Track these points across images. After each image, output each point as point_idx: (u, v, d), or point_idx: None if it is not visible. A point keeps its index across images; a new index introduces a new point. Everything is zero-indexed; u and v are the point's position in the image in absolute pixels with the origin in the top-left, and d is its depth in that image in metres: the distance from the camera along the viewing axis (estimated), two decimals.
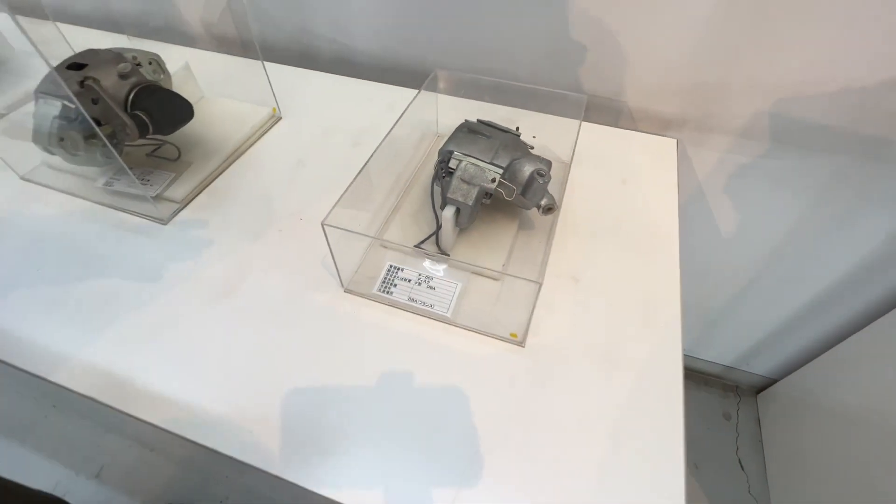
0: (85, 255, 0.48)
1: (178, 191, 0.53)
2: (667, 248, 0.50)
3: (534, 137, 0.59)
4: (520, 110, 0.63)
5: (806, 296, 0.84)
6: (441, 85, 0.59)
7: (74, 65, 0.49)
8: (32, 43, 0.40)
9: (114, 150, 0.46)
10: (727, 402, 1.10)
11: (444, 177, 0.45)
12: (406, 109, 0.51)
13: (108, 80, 0.48)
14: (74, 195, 0.54)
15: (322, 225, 0.38)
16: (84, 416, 1.04)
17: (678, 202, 0.55)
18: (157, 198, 0.53)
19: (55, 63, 0.50)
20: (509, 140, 0.47)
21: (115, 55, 0.51)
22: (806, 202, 0.69)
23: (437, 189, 0.46)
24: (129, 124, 0.47)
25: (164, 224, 0.51)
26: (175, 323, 0.42)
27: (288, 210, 0.53)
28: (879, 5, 0.48)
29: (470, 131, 0.47)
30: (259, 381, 0.39)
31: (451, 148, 0.44)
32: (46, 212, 0.53)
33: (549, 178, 0.43)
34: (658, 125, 0.66)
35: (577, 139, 0.50)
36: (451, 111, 0.59)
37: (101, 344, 0.41)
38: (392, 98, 0.69)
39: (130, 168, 0.55)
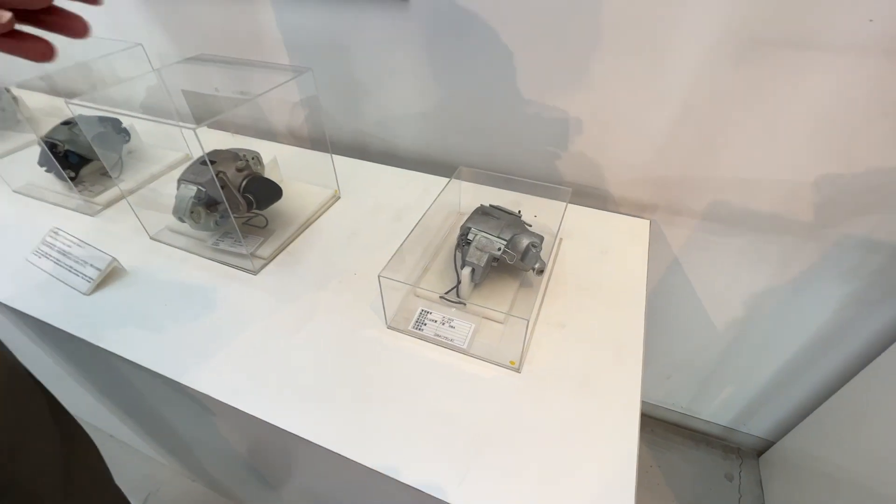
0: (197, 297, 0.65)
1: (266, 251, 0.72)
2: (635, 304, 0.64)
3: (535, 217, 0.76)
4: (523, 195, 0.81)
5: (784, 356, 0.94)
6: (463, 176, 0.78)
7: (205, 161, 0.70)
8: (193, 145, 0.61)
9: (234, 222, 0.66)
10: (729, 463, 1.15)
11: (463, 245, 0.61)
12: (438, 196, 0.69)
13: (230, 172, 0.69)
14: (189, 252, 0.73)
15: (378, 277, 0.55)
16: (136, 448, 1.16)
17: (647, 269, 0.70)
18: (251, 255, 0.71)
19: (192, 159, 0.71)
20: (512, 220, 0.64)
21: (233, 154, 0.72)
22: (766, 273, 0.82)
23: (459, 254, 0.63)
24: (243, 203, 0.67)
25: (255, 275, 0.69)
26: (263, 350, 0.58)
27: (345, 267, 0.70)
28: (789, 129, 0.66)
29: (483, 213, 0.65)
30: (322, 394, 0.53)
31: (469, 225, 0.62)
32: (169, 264, 0.71)
33: (541, 248, 0.59)
34: (635, 208, 0.83)
35: (562, 219, 0.67)
36: (469, 195, 0.77)
37: (211, 361, 0.57)
38: (425, 183, 0.88)
39: (230, 233, 0.74)
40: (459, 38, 0.75)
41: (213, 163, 0.69)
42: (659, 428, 1.22)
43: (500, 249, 0.59)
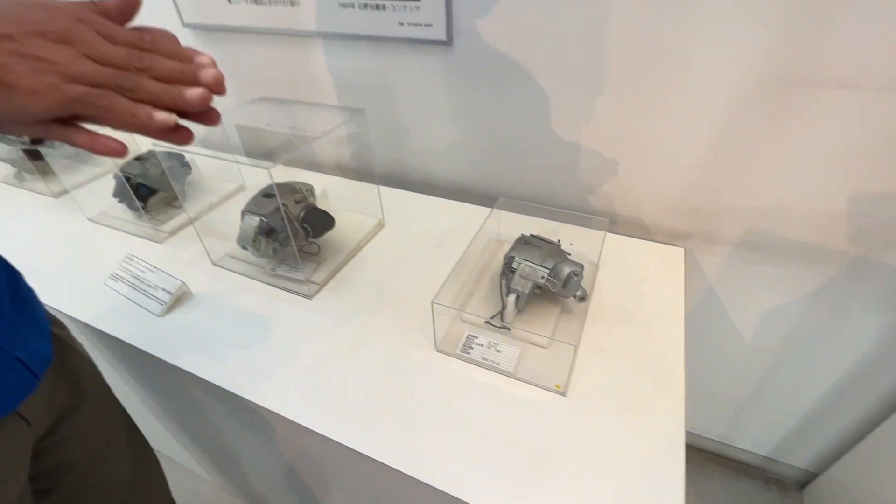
0: (257, 319, 0.71)
1: (319, 276, 0.77)
2: (674, 331, 0.66)
3: (571, 245, 0.79)
4: (559, 224, 0.85)
5: (825, 384, 0.93)
6: (502, 206, 0.82)
7: (266, 194, 0.77)
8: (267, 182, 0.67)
9: (295, 250, 0.71)
10: (770, 494, 1.12)
11: (508, 273, 0.65)
12: (482, 225, 0.73)
13: (290, 204, 0.75)
14: (249, 277, 0.79)
15: (432, 303, 0.59)
16: (182, 464, 1.21)
17: (684, 297, 0.72)
18: (305, 281, 0.76)
19: (254, 192, 0.77)
20: (553, 249, 0.67)
21: (291, 187, 0.78)
22: (803, 301, 0.83)
23: (503, 281, 0.67)
24: (301, 233, 0.72)
25: (310, 299, 0.74)
26: (320, 369, 0.62)
27: (392, 292, 0.74)
28: (820, 160, 0.68)
29: (525, 242, 0.68)
30: (376, 412, 0.57)
31: (513, 254, 0.65)
32: (231, 288, 0.77)
33: (582, 276, 0.62)
34: (669, 236, 0.85)
35: (602, 248, 0.70)
36: (507, 224, 0.81)
37: (272, 378, 0.61)
38: (464, 213, 0.93)
39: (286, 259, 0.80)
40: (498, 80, 0.80)
41: (272, 195, 0.76)
42: (696, 456, 1.20)
43: (543, 277, 0.62)
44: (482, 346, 0.62)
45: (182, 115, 0.33)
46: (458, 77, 0.84)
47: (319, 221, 0.77)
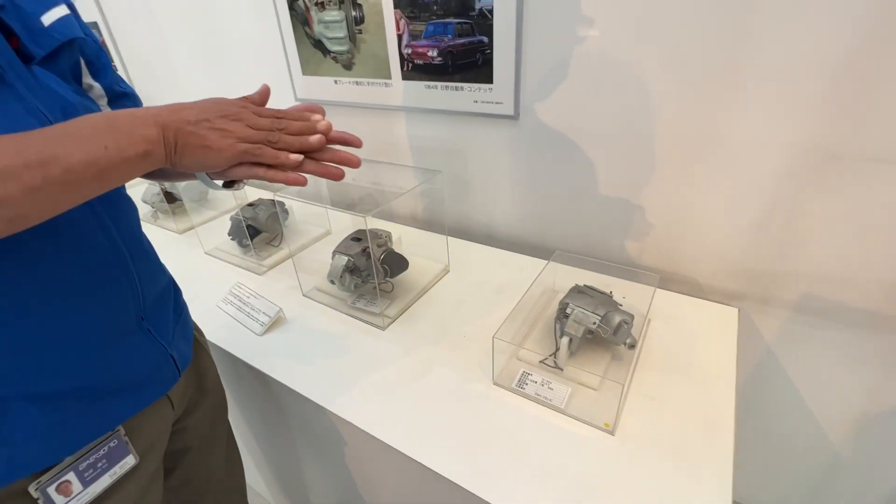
0: (339, 344, 0.82)
1: (392, 311, 0.88)
2: (725, 385, 0.68)
3: (623, 298, 0.85)
4: (612, 278, 0.90)
5: None
6: (558, 258, 0.90)
7: (354, 238, 0.91)
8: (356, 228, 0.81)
9: (377, 286, 0.83)
10: None
11: (562, 318, 0.72)
12: (539, 274, 0.81)
13: (373, 247, 0.88)
14: (332, 308, 0.91)
15: (493, 338, 0.67)
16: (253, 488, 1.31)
17: (736, 356, 0.74)
18: (381, 314, 0.87)
19: (339, 237, 0.92)
20: (605, 299, 0.74)
21: (375, 233, 0.92)
22: (872, 374, 0.81)
23: (558, 325, 0.73)
24: (381, 272, 0.85)
25: (383, 330, 0.84)
26: (391, 392, 0.71)
27: (455, 330, 0.83)
28: (878, 230, 0.70)
29: (579, 291, 0.75)
30: (439, 434, 0.64)
31: (567, 301, 0.73)
32: (317, 316, 0.89)
33: (632, 325, 0.68)
34: (723, 296, 0.88)
35: (651, 300, 0.75)
36: (562, 276, 0.89)
37: (351, 395, 0.71)
38: (522, 262, 1.01)
39: (364, 295, 0.92)
40: (557, 149, 0.91)
41: (360, 239, 0.89)
42: None
43: (595, 323, 0.69)
44: (536, 382, 0.68)
45: (315, 172, 0.48)
46: (522, 145, 0.96)
47: (396, 263, 0.89)
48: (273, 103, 0.52)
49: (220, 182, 0.52)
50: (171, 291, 0.63)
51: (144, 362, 0.55)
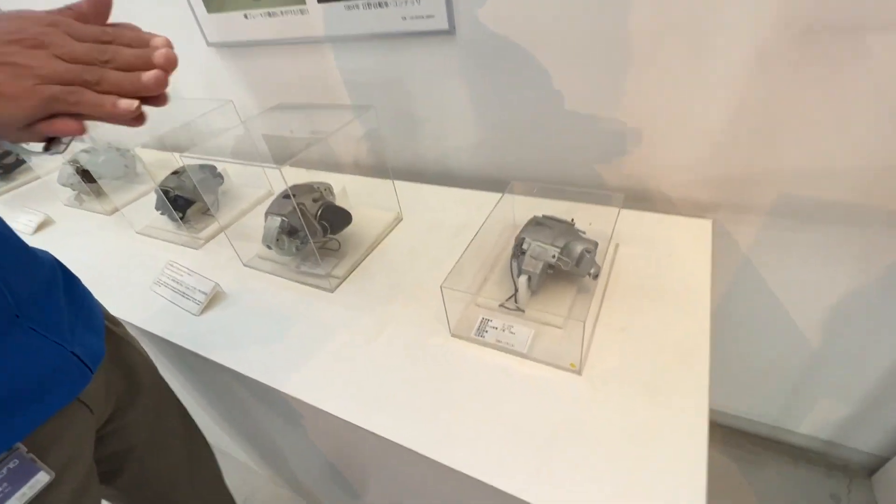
0: (285, 314, 0.74)
1: (340, 271, 0.80)
2: (700, 307, 0.63)
3: (590, 224, 0.77)
4: (576, 204, 0.83)
5: (887, 361, 0.85)
6: (516, 190, 0.82)
7: (286, 195, 0.80)
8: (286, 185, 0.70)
9: (313, 246, 0.74)
10: (834, 482, 1.04)
11: (519, 255, 0.65)
12: (492, 212, 0.73)
13: (308, 203, 0.78)
14: (276, 275, 0.83)
15: (441, 288, 0.59)
16: (233, 456, 1.29)
17: (710, 271, 0.68)
18: (328, 275, 0.79)
19: (276, 194, 0.81)
20: (565, 228, 0.66)
21: (309, 187, 0.82)
22: (851, 269, 0.76)
23: (514, 264, 0.66)
24: (319, 230, 0.76)
25: (332, 293, 0.77)
26: (343, 359, 0.65)
27: (409, 283, 0.76)
28: (862, 113, 0.62)
29: (537, 224, 0.68)
30: (397, 398, 0.58)
31: (523, 236, 0.65)
32: (260, 286, 0.81)
33: (595, 253, 0.61)
34: (695, 209, 0.81)
35: (615, 222, 0.67)
36: (523, 208, 0.80)
37: (298, 369, 0.64)
38: (480, 200, 0.93)
39: (310, 257, 0.83)
40: (505, 64, 0.80)
41: (293, 196, 0.79)
42: (747, 442, 1.14)
43: (554, 257, 0.61)
44: (496, 328, 0.62)
45: (142, 99, 0.35)
46: (464, 65, 0.84)
47: (337, 218, 0.80)
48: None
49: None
50: (59, 281, 0.53)
51: (36, 365, 0.47)
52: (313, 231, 0.76)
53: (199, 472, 0.78)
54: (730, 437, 1.15)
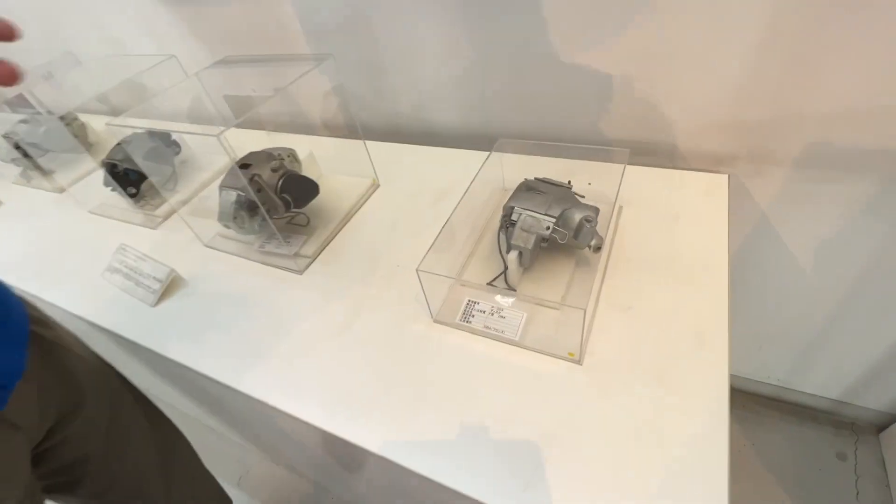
0: (249, 301, 0.66)
1: (309, 249, 0.71)
2: (717, 276, 0.55)
3: (589, 185, 0.68)
4: (574, 161, 0.73)
5: None
6: (505, 148, 0.72)
7: (243, 165, 0.70)
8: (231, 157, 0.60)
9: (272, 224, 0.65)
10: (841, 440, 1.01)
11: (508, 227, 0.56)
12: (477, 174, 0.63)
13: (265, 174, 0.68)
14: (239, 256, 0.74)
15: (417, 271, 0.51)
16: (227, 436, 1.26)
17: (727, 234, 0.60)
18: (295, 255, 0.70)
19: (231, 164, 0.71)
20: (562, 193, 0.57)
21: (268, 154, 0.71)
22: (884, 225, 0.68)
23: (503, 237, 0.57)
24: (280, 204, 0.66)
25: (301, 274, 0.68)
26: (313, 352, 0.57)
27: (388, 260, 0.67)
28: None
29: (528, 189, 0.58)
30: (372, 396, 0.51)
31: (512, 204, 0.56)
32: (222, 270, 0.73)
33: (597, 221, 0.52)
34: (709, 162, 0.71)
35: (620, 183, 0.58)
36: (515, 169, 0.71)
37: (263, 364, 0.57)
38: (466, 161, 0.82)
39: (275, 234, 0.74)
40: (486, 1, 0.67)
41: (248, 166, 0.69)
42: (751, 402, 1.10)
43: (548, 228, 0.53)
44: (484, 312, 0.55)
45: None
46: (440, 2, 0.71)
47: (301, 190, 0.70)
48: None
49: None
50: None
51: None
52: (273, 206, 0.67)
53: (173, 463, 0.73)
54: (733, 398, 1.11)
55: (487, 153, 0.68)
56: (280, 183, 0.68)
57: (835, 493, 0.94)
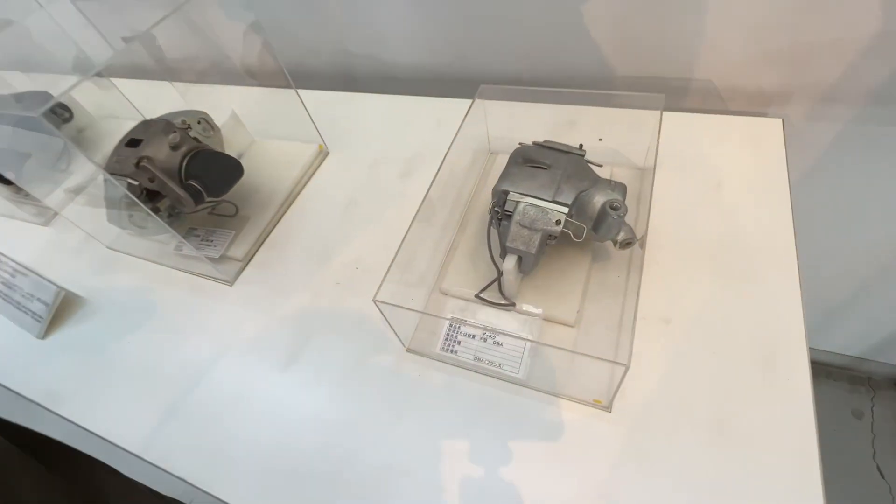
0: (165, 326, 0.50)
1: (240, 249, 0.54)
2: (783, 268, 0.41)
3: (600, 140, 0.52)
4: (580, 107, 0.56)
5: None
6: (489, 95, 0.53)
7: (131, 141, 0.51)
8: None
9: (173, 231, 0.48)
10: (857, 397, 0.95)
11: (500, 220, 0.40)
12: (455, 137, 0.46)
13: (162, 154, 0.49)
14: (152, 261, 0.57)
15: (374, 302, 0.35)
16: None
17: (791, 204, 0.45)
18: (222, 258, 0.54)
19: (116, 139, 0.52)
20: (572, 165, 0.40)
21: (165, 125, 0.52)
22: None
23: (495, 233, 0.42)
24: (184, 196, 0.48)
25: (231, 285, 0.52)
26: (243, 403, 0.43)
27: (344, 259, 0.51)
28: None
29: (525, 160, 0.41)
30: (320, 470, 0.38)
31: (505, 187, 0.39)
32: (130, 281, 0.56)
33: (626, 209, 0.36)
34: (755, 103, 0.55)
35: (658, 144, 0.42)
36: (501, 124, 0.53)
37: (183, 422, 0.43)
38: (438, 112, 0.64)
39: (195, 228, 0.57)
40: None
41: (138, 142, 0.50)
42: None
43: (559, 223, 0.37)
44: (472, 337, 0.40)
45: None
46: None
47: (215, 171, 0.52)
48: None
49: None
50: None
51: None
52: (176, 199, 0.49)
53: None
54: None
55: (468, 103, 0.50)
56: (184, 165, 0.50)
57: (851, 452, 0.89)
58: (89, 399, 0.46)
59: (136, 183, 0.49)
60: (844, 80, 0.49)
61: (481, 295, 0.42)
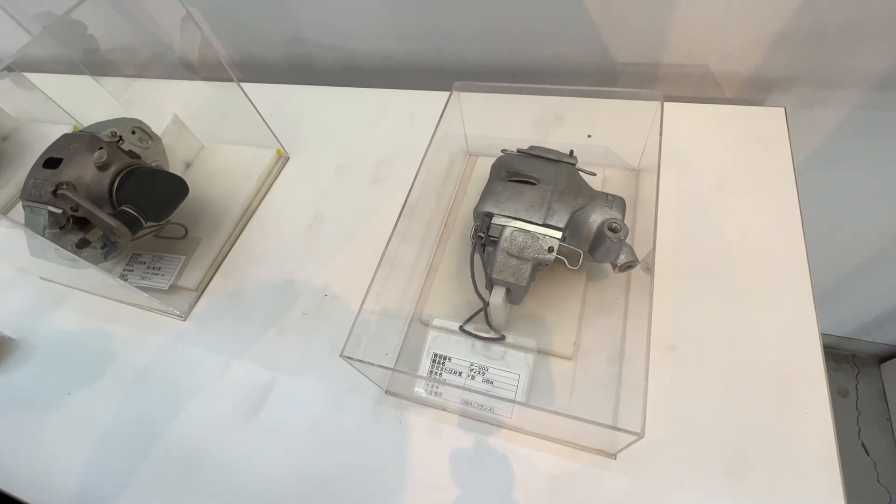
0: (111, 373, 0.44)
1: (191, 277, 0.48)
2: (794, 279, 0.37)
3: (588, 137, 0.47)
4: (567, 99, 0.50)
5: None
6: (466, 90, 0.48)
7: (49, 161, 0.44)
8: None
9: (102, 259, 0.41)
10: (842, 375, 0.95)
11: (486, 245, 0.35)
12: (429, 144, 0.40)
13: (87, 175, 0.42)
14: (93, 294, 0.50)
15: (341, 357, 0.30)
16: None
17: (799, 204, 0.41)
18: (172, 288, 0.47)
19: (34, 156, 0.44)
20: (564, 178, 0.35)
21: (90, 139, 0.44)
22: None
23: (479, 258, 0.37)
24: (117, 225, 0.41)
25: (184, 319, 0.46)
26: (203, 460, 0.38)
27: (311, 285, 0.46)
28: None
29: (510, 174, 0.36)
30: None
31: (489, 209, 0.34)
32: (68, 319, 0.49)
33: (626, 231, 0.32)
34: (754, 90, 0.50)
35: (660, 144, 0.37)
36: (481, 118, 0.47)
37: (129, 488, 0.38)
38: (411, 107, 0.58)
39: (139, 254, 0.50)
40: None
41: (58, 162, 0.43)
42: None
43: (552, 250, 0.32)
44: (459, 375, 0.36)
45: None
46: None
47: (155, 194, 0.45)
48: None
49: None
50: None
51: None
52: (108, 229, 0.42)
53: None
54: None
55: (444, 96, 0.44)
56: (116, 187, 0.43)
57: (836, 430, 0.89)
58: (21, 465, 0.40)
59: (58, 211, 0.42)
60: (855, 63, 0.45)
61: (466, 328, 0.37)
